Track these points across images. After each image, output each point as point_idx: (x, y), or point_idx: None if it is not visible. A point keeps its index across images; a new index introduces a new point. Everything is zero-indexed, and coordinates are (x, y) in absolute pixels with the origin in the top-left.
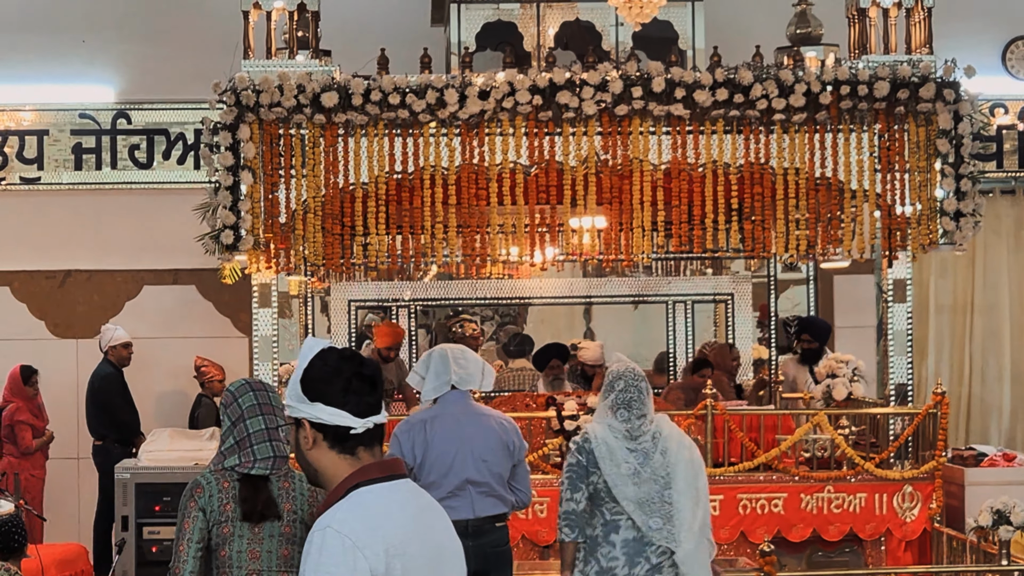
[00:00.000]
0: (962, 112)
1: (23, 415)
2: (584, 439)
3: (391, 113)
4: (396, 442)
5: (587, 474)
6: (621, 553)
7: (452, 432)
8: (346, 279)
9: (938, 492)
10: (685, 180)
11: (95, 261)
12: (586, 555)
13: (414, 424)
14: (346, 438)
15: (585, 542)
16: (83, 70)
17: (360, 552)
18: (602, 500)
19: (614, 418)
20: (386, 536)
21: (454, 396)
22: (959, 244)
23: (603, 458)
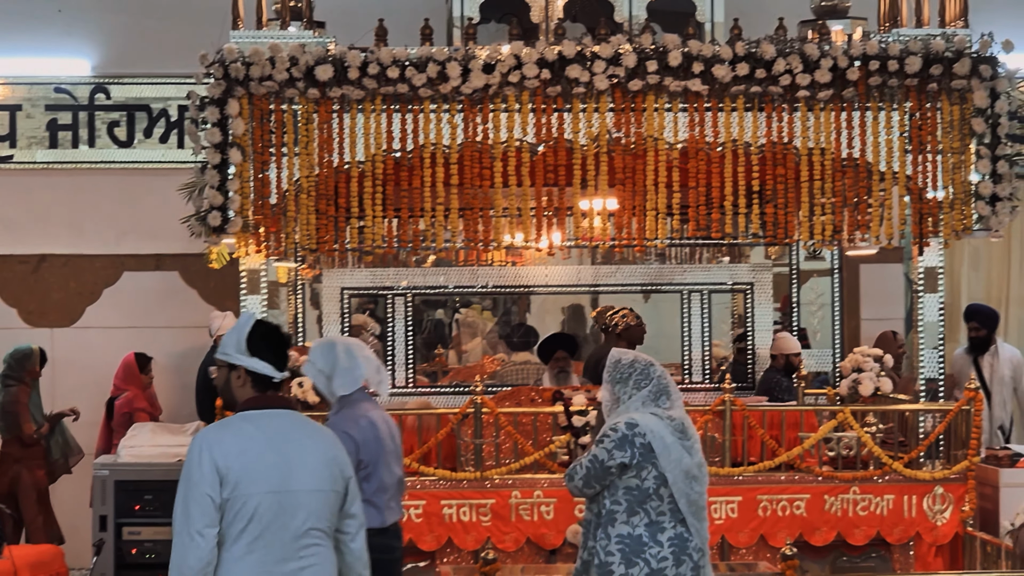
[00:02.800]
0: (999, 89)
1: (140, 402)
2: (634, 431)
3: (389, 88)
4: (350, 440)
5: (627, 471)
6: (669, 553)
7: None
8: (338, 266)
9: (971, 494)
10: (703, 160)
11: (71, 245)
12: (630, 556)
13: (361, 422)
14: (267, 384)
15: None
16: (59, 41)
17: (208, 451)
18: (648, 498)
19: (658, 407)
20: (235, 441)
21: (364, 394)
22: (995, 230)
23: (662, 453)
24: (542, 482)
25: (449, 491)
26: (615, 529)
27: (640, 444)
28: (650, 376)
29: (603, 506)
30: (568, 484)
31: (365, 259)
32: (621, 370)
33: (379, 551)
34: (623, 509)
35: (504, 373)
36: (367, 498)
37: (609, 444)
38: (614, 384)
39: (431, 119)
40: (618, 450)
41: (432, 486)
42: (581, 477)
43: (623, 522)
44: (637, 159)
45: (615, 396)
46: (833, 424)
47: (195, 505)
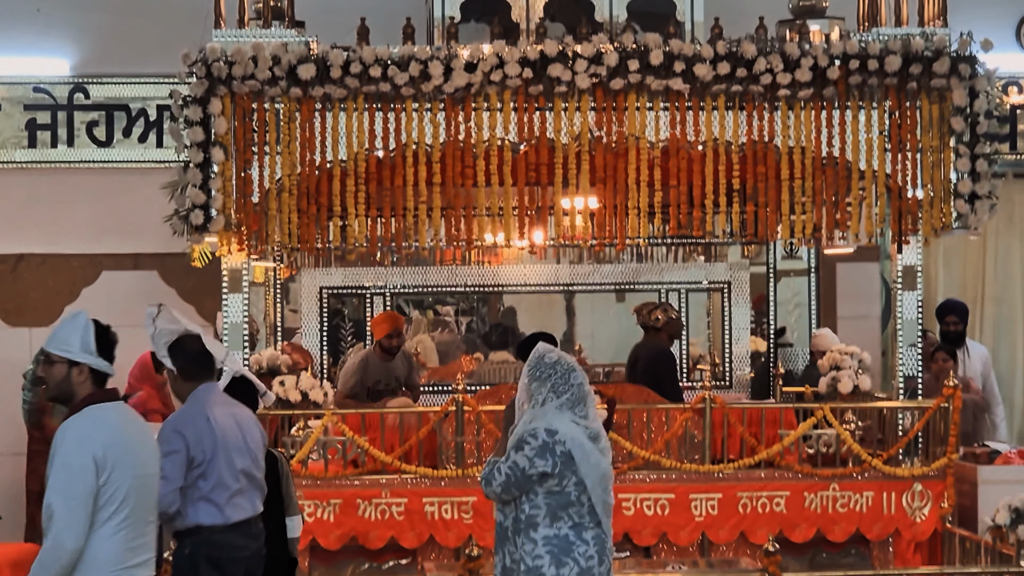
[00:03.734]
0: (978, 88)
1: (154, 403)
2: (554, 439)
3: (371, 87)
4: (180, 438)
5: (548, 479)
6: (595, 551)
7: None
8: (315, 266)
9: (950, 491)
10: (684, 159)
11: (50, 244)
12: (559, 556)
13: (198, 420)
14: (103, 380)
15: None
16: (37, 41)
17: (84, 442)
18: (570, 503)
19: (574, 415)
20: (104, 431)
21: (211, 388)
22: (973, 228)
23: (582, 461)
24: None
25: (430, 489)
26: (539, 532)
27: (560, 452)
28: (570, 383)
29: (522, 511)
30: (485, 489)
31: (349, 256)
32: (542, 369)
33: (217, 548)
34: (544, 514)
35: (481, 372)
36: (204, 496)
37: (530, 452)
38: (531, 381)
39: (413, 118)
40: (539, 458)
41: (414, 484)
42: (500, 483)
43: (546, 526)
44: (619, 158)
45: (530, 393)
46: (812, 422)
47: (76, 493)
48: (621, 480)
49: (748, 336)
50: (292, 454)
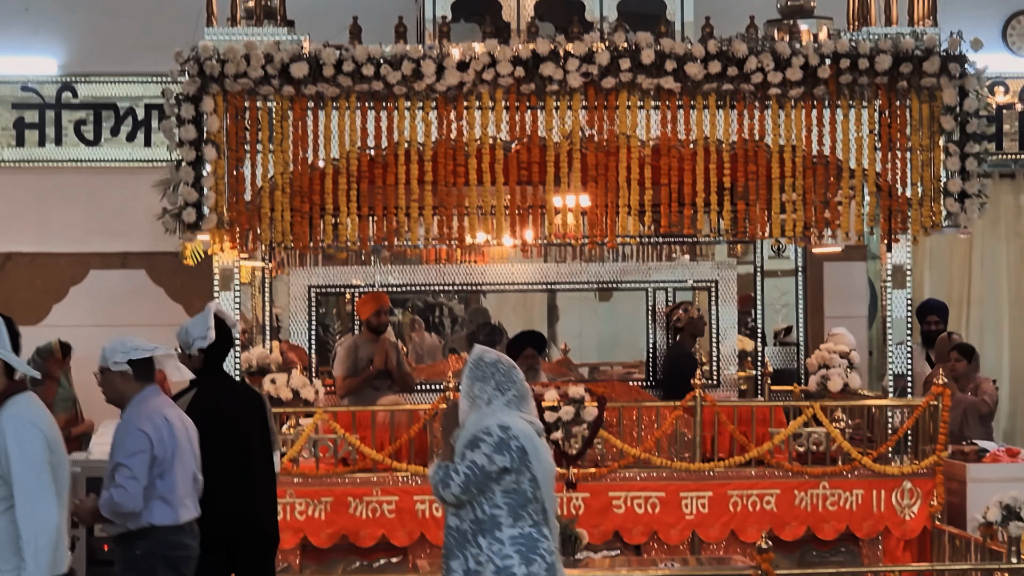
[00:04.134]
0: (968, 88)
1: None
2: (508, 434)
3: (364, 85)
4: (144, 437)
5: (507, 475)
6: (553, 547)
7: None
8: (300, 265)
9: (939, 489)
10: (675, 158)
11: (38, 243)
12: (527, 555)
13: (156, 419)
14: (12, 372)
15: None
16: (25, 40)
17: (36, 426)
18: (528, 501)
19: (520, 412)
20: (42, 417)
21: (156, 390)
22: (963, 226)
23: (534, 456)
24: None
25: (422, 487)
26: (504, 532)
27: (516, 447)
28: (513, 380)
29: (481, 512)
30: (442, 492)
31: (340, 255)
32: (484, 368)
33: (172, 548)
34: (506, 513)
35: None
36: (161, 495)
37: (487, 449)
38: (474, 381)
39: (405, 116)
40: (497, 454)
41: (404, 482)
42: (459, 484)
43: (510, 525)
44: (610, 156)
45: (473, 394)
46: (802, 420)
47: (45, 474)
48: (611, 478)
49: (735, 335)
50: (283, 452)
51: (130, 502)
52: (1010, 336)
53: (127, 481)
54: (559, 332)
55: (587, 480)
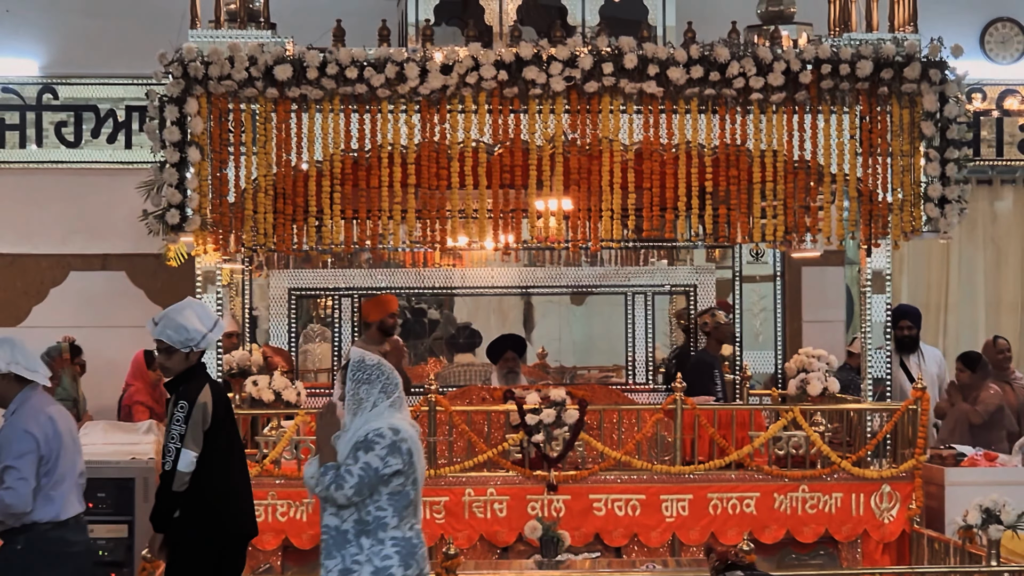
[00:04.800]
0: (948, 93)
1: (140, 396)
2: (399, 436)
3: (347, 88)
4: (30, 438)
5: (397, 477)
6: (425, 551)
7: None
8: (279, 267)
9: (918, 492)
10: (657, 162)
11: (18, 244)
12: (406, 558)
13: (40, 418)
14: None
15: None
16: (6, 41)
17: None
18: (411, 502)
19: (402, 415)
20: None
21: (37, 389)
22: (943, 231)
23: (418, 460)
24: (495, 480)
25: None
26: (387, 533)
27: (406, 450)
28: (396, 383)
29: (367, 513)
30: (334, 493)
31: (323, 257)
32: (368, 371)
33: (56, 544)
34: (391, 514)
35: (447, 375)
36: (45, 492)
37: (382, 452)
38: (359, 384)
39: (389, 119)
40: (391, 457)
41: None
42: (353, 485)
43: (395, 527)
44: (592, 160)
45: (358, 397)
46: (782, 423)
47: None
48: (592, 481)
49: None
50: (265, 454)
51: (20, 503)
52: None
53: (16, 482)
54: (536, 336)
55: (568, 483)
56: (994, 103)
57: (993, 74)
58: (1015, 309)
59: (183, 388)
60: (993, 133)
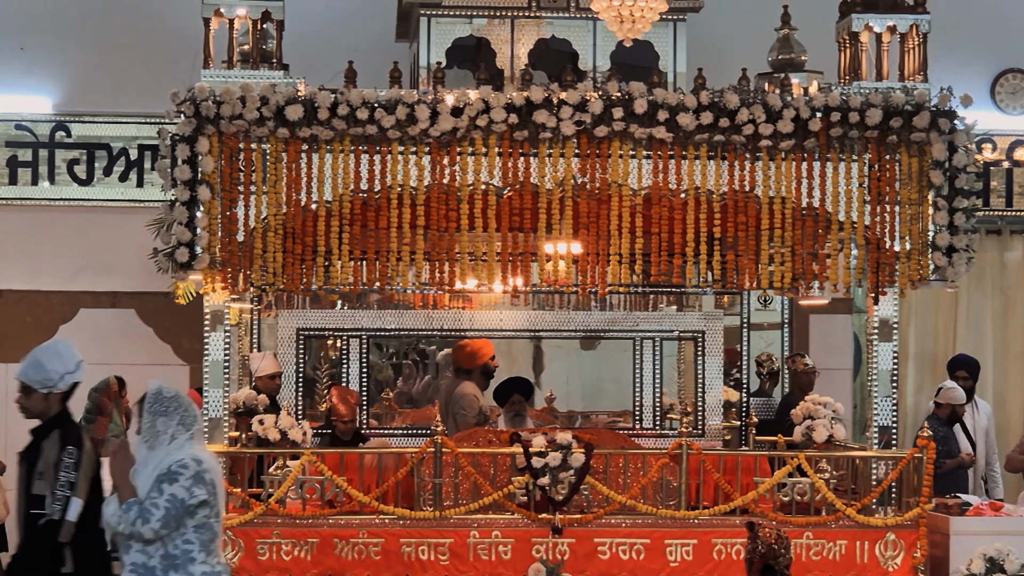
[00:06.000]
0: (957, 143)
1: None
2: (201, 467)
3: (358, 129)
4: None
5: (202, 508)
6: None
7: None
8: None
9: (923, 540)
10: (665, 207)
11: (29, 281)
12: None
13: None
14: None
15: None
16: (20, 79)
17: None
18: (215, 535)
19: (202, 446)
20: None
21: None
22: (951, 280)
23: (219, 491)
24: (500, 522)
25: (407, 530)
26: (196, 567)
27: (209, 480)
28: (193, 415)
29: (174, 547)
30: (141, 528)
31: (331, 297)
32: (165, 403)
33: None
34: (197, 548)
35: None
36: None
37: (186, 483)
38: (156, 416)
39: (399, 161)
40: (196, 487)
41: (391, 525)
42: (159, 519)
43: (202, 561)
44: (601, 204)
45: (156, 430)
46: (787, 470)
47: None
48: (597, 524)
49: (721, 386)
50: (270, 493)
51: None
52: (994, 391)
53: None
54: (545, 380)
55: (573, 526)
56: (1004, 153)
57: (1004, 124)
58: (1022, 359)
59: (62, 433)
60: (1003, 183)
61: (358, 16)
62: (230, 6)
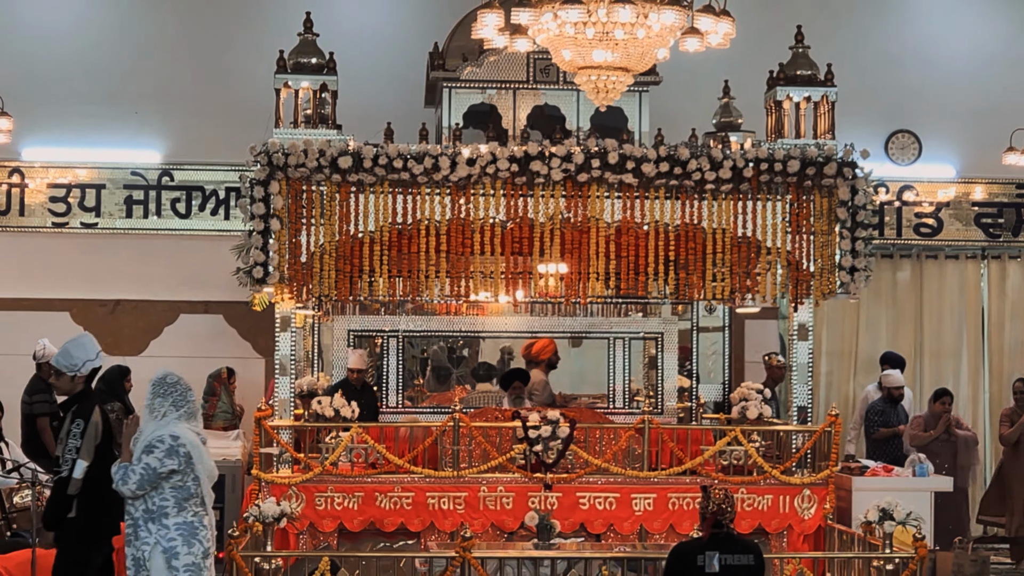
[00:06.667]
0: (858, 187)
1: None
2: (177, 442)
3: (395, 175)
4: None
5: (175, 475)
6: (210, 534)
7: None
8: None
9: (831, 495)
10: (632, 236)
11: (140, 292)
12: (189, 539)
13: None
14: None
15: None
16: (134, 137)
17: None
18: (191, 496)
19: (189, 425)
20: None
21: None
22: (853, 294)
23: (198, 460)
24: (504, 480)
25: (432, 486)
26: (170, 520)
27: (183, 453)
28: (187, 399)
29: (152, 503)
30: (121, 488)
31: (374, 306)
32: (165, 387)
33: None
34: (172, 504)
35: (470, 399)
36: None
37: (160, 454)
38: (155, 397)
39: (426, 200)
40: (168, 458)
41: (419, 482)
42: (135, 482)
43: (175, 514)
44: (583, 234)
45: (153, 407)
46: (726, 440)
47: None
48: (579, 482)
49: (676, 375)
50: (326, 457)
51: None
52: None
53: None
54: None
55: (560, 483)
56: (895, 195)
57: (895, 173)
58: (911, 357)
59: (77, 408)
60: (894, 219)
61: (395, 87)
62: (296, 80)
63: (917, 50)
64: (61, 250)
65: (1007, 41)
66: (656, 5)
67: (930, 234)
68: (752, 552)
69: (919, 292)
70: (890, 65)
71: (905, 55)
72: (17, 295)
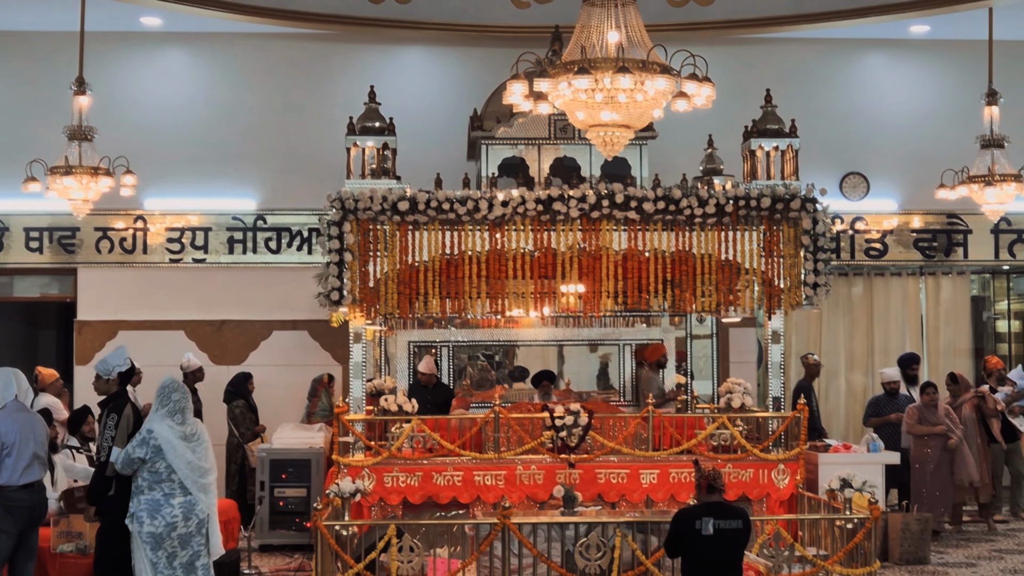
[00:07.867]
0: (819, 219)
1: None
2: (151, 435)
3: (443, 215)
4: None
5: (146, 462)
6: (180, 512)
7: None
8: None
9: (801, 469)
10: (636, 262)
11: (241, 313)
12: (152, 512)
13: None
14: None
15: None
16: (234, 188)
17: None
18: (161, 480)
19: (172, 421)
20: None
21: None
22: (816, 305)
23: (169, 452)
24: (536, 460)
25: (478, 466)
26: (143, 496)
27: (152, 445)
28: (170, 399)
29: (135, 484)
30: (116, 465)
31: (428, 322)
32: (163, 389)
33: (11, 500)
34: (146, 484)
35: (508, 395)
36: (7, 466)
37: (134, 443)
38: (155, 397)
39: (469, 235)
40: (139, 448)
41: (467, 463)
42: (120, 463)
43: (147, 491)
44: (596, 261)
45: (153, 405)
46: (716, 425)
47: None
48: (596, 461)
49: (675, 373)
50: (392, 444)
51: None
52: (846, 383)
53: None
54: (565, 371)
55: (581, 462)
56: (849, 225)
57: (848, 207)
58: (863, 358)
59: (112, 405)
60: (848, 244)
61: (443, 145)
62: (363, 140)
63: (865, 107)
64: (176, 281)
65: (938, 99)
66: (651, 74)
67: (877, 256)
68: (741, 518)
69: (870, 304)
70: (843, 119)
71: (855, 111)
72: (141, 317)
